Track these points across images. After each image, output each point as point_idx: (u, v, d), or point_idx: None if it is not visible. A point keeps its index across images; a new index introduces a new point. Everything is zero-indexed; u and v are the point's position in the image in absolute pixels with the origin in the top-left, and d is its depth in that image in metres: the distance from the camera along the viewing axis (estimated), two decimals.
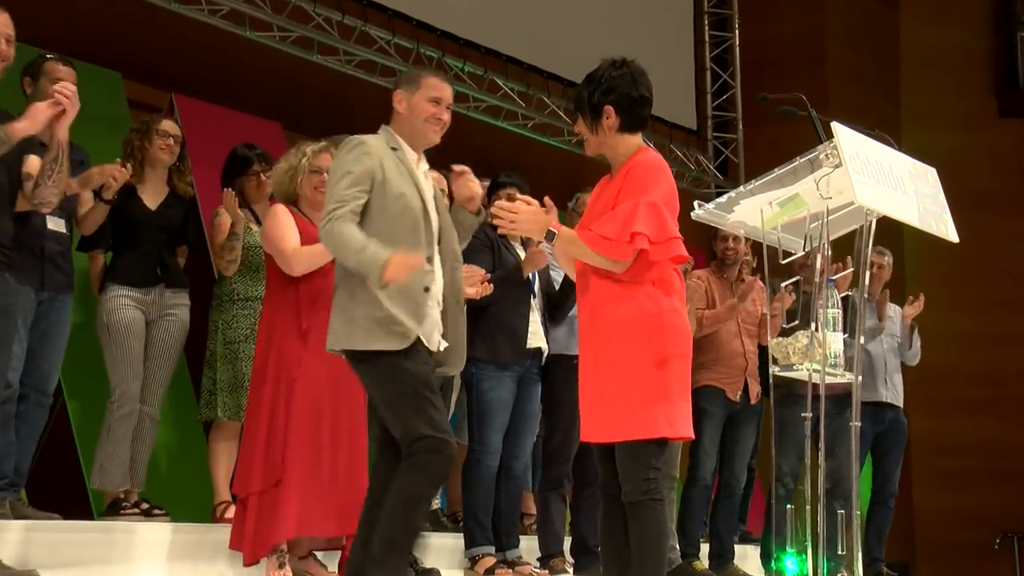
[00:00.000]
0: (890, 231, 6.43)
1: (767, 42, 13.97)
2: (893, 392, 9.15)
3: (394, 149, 4.78)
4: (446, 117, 4.88)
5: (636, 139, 4.83)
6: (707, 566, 8.16)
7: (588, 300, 4.73)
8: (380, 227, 4.63)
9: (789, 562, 4.83)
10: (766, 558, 7.97)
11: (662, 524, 4.72)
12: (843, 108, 13.02)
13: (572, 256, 4.79)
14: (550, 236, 4.73)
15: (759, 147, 12.90)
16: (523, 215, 4.70)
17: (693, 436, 4.85)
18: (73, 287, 6.59)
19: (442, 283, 4.86)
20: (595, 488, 5.16)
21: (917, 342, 9.36)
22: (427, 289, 4.69)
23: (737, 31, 13.81)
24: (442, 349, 4.82)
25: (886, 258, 9.05)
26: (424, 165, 4.92)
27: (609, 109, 4.72)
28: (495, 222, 4.86)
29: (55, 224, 6.36)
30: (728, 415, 8.10)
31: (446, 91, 4.88)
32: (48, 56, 6.44)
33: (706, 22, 13.83)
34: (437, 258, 4.84)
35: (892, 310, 9.18)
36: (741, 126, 13.65)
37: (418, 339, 4.67)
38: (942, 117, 15.02)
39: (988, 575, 14.01)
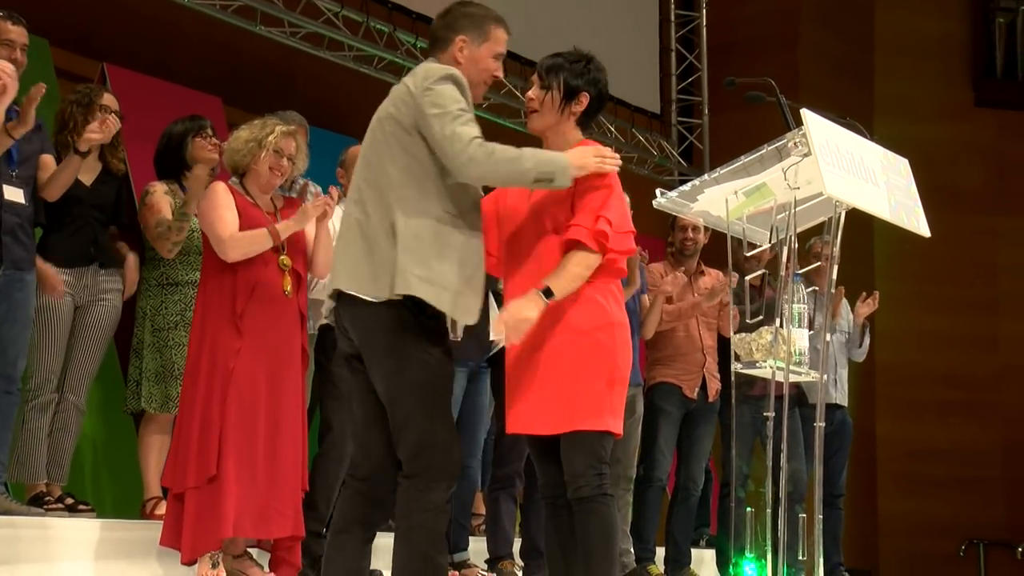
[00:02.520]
0: (860, 224, 6.47)
1: (736, 23, 14.05)
2: (841, 392, 9.30)
3: None
4: (500, 75, 4.66)
5: (579, 133, 4.85)
6: (662, 570, 8.20)
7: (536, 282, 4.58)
8: (453, 188, 4.39)
9: (748, 567, 4.87)
10: (723, 563, 8.03)
11: (614, 522, 4.69)
12: (814, 94, 13.09)
13: (573, 289, 4.64)
14: (549, 296, 4.56)
15: (725, 133, 13.00)
16: (515, 325, 4.55)
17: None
18: (35, 263, 6.52)
19: None
20: None
21: (867, 340, 9.47)
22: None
23: (704, 10, 13.89)
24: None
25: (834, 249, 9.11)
26: None
27: (585, 97, 4.72)
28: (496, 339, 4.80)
29: (12, 194, 6.32)
30: (685, 413, 8.14)
31: (505, 47, 4.60)
32: None
33: (671, 0, 13.83)
34: None
35: (843, 306, 9.30)
36: (707, 111, 13.71)
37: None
38: (917, 106, 15.17)
39: None
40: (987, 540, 14.34)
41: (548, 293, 4.51)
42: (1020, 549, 14.24)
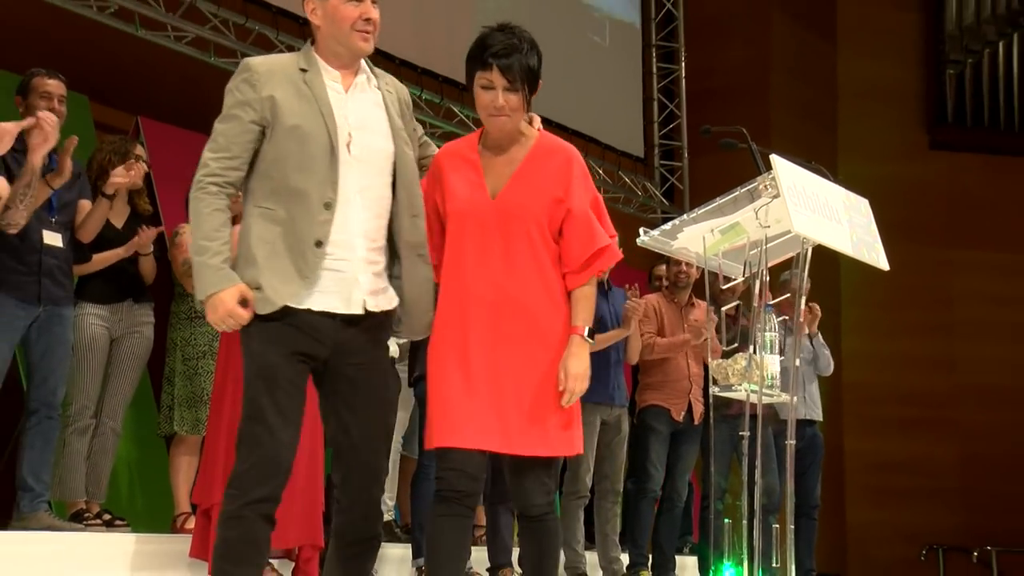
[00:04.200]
0: (828, 258, 6.49)
1: (712, 74, 14.12)
2: (812, 407, 9.26)
3: (303, 71, 3.75)
4: (374, 15, 3.77)
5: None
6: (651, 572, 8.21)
7: (527, 291, 4.00)
8: (269, 168, 3.69)
9: (727, 573, 4.87)
10: (704, 569, 8.03)
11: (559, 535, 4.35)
12: (783, 138, 13.20)
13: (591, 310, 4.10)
14: (592, 336, 4.07)
15: (704, 175, 13.04)
16: (575, 387, 3.93)
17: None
18: (73, 300, 6.55)
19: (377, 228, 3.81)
20: None
21: (824, 351, 9.36)
22: (319, 244, 3.63)
23: (683, 63, 13.96)
24: (377, 310, 3.76)
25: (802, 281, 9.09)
26: (365, 75, 3.88)
27: (539, 81, 4.06)
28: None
29: (52, 239, 6.32)
30: (672, 433, 8.14)
31: None
32: (35, 71, 6.35)
33: (653, 55, 14.07)
34: (372, 193, 3.79)
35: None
36: (686, 155, 13.83)
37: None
38: (876, 149, 15.26)
39: None
40: (946, 546, 14.42)
41: (591, 334, 4.05)
42: (975, 553, 14.27)
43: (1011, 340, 15.06)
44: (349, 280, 3.67)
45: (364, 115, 3.77)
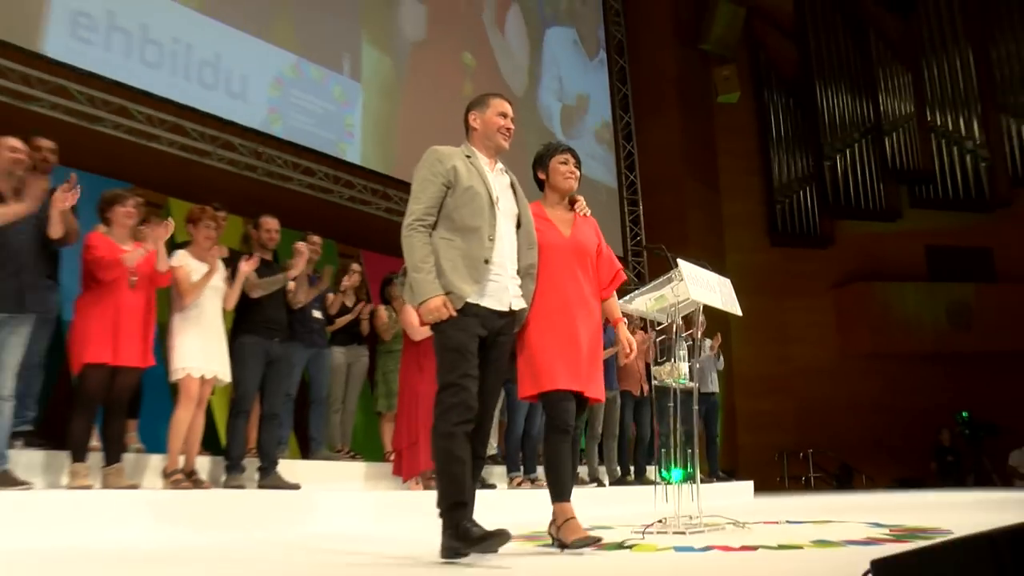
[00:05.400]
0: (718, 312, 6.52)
1: (658, 211, 13.57)
2: (714, 385, 9.09)
3: (468, 156, 3.31)
4: (512, 125, 3.39)
5: None
6: (633, 477, 8.15)
7: (588, 297, 3.55)
8: (451, 213, 3.18)
9: (673, 474, 4.78)
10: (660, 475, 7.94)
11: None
12: (697, 245, 13.23)
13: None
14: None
15: (658, 265, 12.96)
16: (635, 348, 3.65)
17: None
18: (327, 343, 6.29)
19: (515, 255, 3.33)
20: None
21: (721, 359, 9.20)
22: (487, 261, 3.19)
23: (640, 207, 13.46)
24: (517, 309, 3.30)
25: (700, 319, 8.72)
26: (499, 165, 3.41)
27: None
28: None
29: (316, 312, 6.12)
30: (636, 402, 8.09)
31: (509, 108, 3.41)
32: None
33: (625, 203, 13.44)
34: (511, 233, 3.32)
35: (707, 345, 9.03)
36: (645, 255, 13.38)
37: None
38: (744, 246, 15.08)
39: (774, 473, 13.97)
40: (788, 451, 13.94)
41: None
42: (801, 454, 13.85)
43: (814, 344, 14.84)
44: (502, 288, 3.23)
45: (502, 188, 3.34)
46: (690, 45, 14.93)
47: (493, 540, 2.92)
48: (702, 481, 4.57)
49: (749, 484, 10.29)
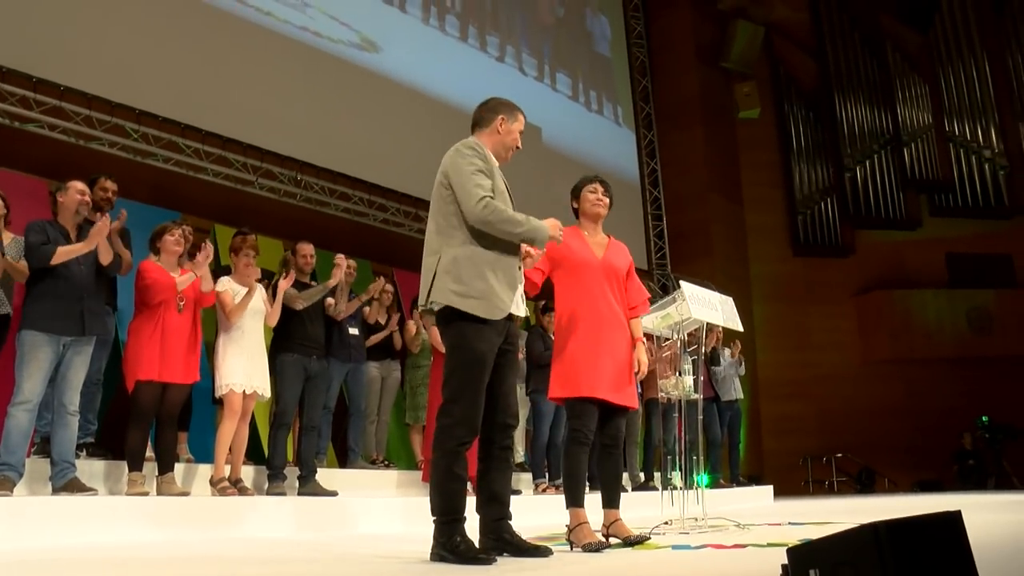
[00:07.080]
0: (746, 321, 6.26)
1: (684, 224, 13.62)
2: (737, 392, 9.03)
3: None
4: (520, 143, 3.28)
5: None
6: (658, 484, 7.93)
7: (618, 313, 3.67)
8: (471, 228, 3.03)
9: (699, 479, 4.74)
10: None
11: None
12: (722, 256, 13.42)
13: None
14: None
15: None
16: (645, 368, 3.68)
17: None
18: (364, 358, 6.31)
19: None
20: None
21: (742, 365, 9.20)
22: (520, 268, 3.12)
23: (664, 220, 13.42)
24: (523, 315, 3.18)
25: (716, 330, 8.47)
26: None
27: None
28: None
29: (353, 329, 6.22)
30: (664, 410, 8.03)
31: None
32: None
33: (650, 214, 13.54)
34: None
35: (727, 352, 9.06)
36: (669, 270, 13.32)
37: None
38: (767, 257, 15.07)
39: (798, 477, 14.00)
40: (811, 455, 13.98)
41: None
42: (824, 458, 13.91)
43: (836, 351, 14.78)
44: (520, 292, 3.13)
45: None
46: (711, 63, 15.02)
47: (480, 562, 2.78)
48: (724, 486, 4.58)
49: (769, 488, 10.30)
